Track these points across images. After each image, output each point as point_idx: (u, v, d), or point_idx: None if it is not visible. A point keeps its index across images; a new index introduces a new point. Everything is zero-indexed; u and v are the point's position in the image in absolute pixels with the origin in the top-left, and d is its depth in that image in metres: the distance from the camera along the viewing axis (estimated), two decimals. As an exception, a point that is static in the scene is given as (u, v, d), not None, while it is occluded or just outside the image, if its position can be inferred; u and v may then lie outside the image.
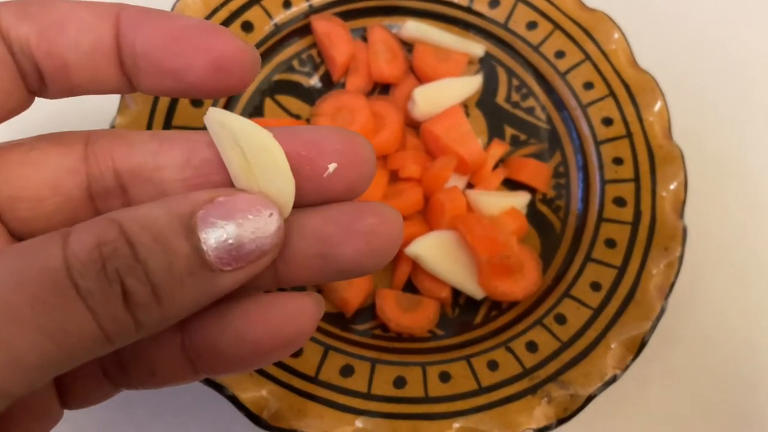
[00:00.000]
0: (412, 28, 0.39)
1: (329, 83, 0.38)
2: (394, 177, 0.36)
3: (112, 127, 0.33)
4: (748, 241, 0.39)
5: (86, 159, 0.18)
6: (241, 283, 0.17)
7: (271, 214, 0.17)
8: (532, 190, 0.37)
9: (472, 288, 0.33)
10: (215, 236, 0.16)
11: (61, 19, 0.17)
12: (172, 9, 0.35)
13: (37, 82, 0.18)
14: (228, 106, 0.36)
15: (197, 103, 0.35)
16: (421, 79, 0.39)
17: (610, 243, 0.34)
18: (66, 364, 0.15)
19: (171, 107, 0.34)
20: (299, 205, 0.18)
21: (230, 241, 0.16)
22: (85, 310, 0.14)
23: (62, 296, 0.14)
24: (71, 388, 0.19)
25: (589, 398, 0.29)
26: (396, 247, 0.19)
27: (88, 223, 0.15)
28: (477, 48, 0.39)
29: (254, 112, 0.37)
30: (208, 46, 0.17)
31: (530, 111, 0.39)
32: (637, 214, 0.34)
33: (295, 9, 0.38)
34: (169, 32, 0.17)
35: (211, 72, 0.18)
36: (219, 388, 0.28)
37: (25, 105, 0.19)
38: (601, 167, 0.36)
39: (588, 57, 0.38)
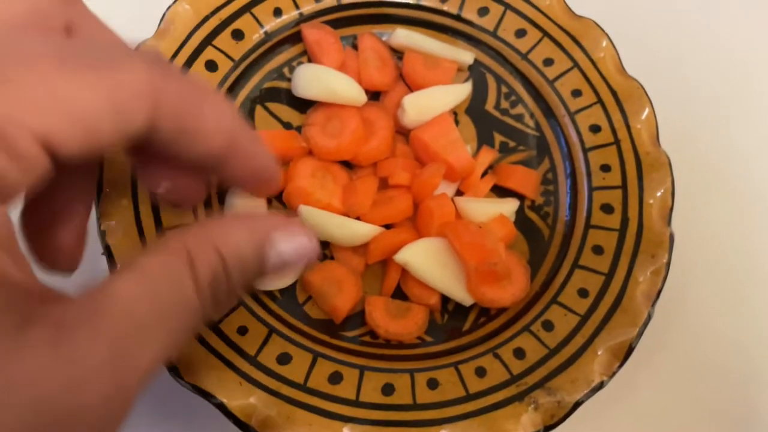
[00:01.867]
0: (402, 36, 0.39)
1: (319, 91, 0.38)
2: (384, 184, 0.36)
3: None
4: (735, 245, 0.40)
5: None
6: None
7: (309, 236, 0.24)
8: (520, 197, 0.37)
9: (461, 295, 0.33)
10: (273, 261, 0.22)
11: (195, 131, 0.21)
12: (162, 18, 0.35)
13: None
14: (218, 114, 0.36)
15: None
16: (411, 87, 0.39)
17: (598, 250, 0.34)
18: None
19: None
20: None
21: (281, 262, 0.23)
22: (200, 312, 0.20)
23: (193, 314, 0.20)
24: None
25: (576, 405, 0.29)
26: None
27: (204, 253, 0.20)
28: (466, 55, 0.39)
29: (245, 120, 0.37)
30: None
31: (519, 118, 0.39)
32: (625, 221, 0.34)
33: (286, 17, 0.38)
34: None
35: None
36: (207, 395, 0.28)
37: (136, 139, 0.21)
38: (588, 174, 0.36)
39: (576, 64, 0.38)
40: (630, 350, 0.30)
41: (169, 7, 0.36)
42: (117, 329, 0.17)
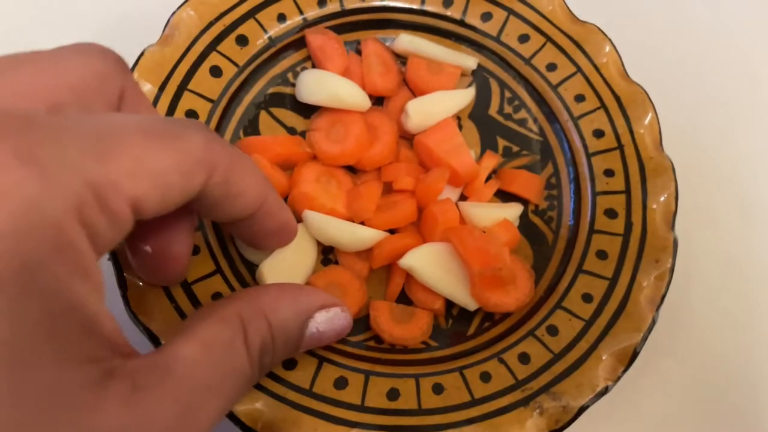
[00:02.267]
0: (406, 41, 0.39)
1: (323, 96, 0.39)
2: (388, 189, 0.36)
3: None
4: (739, 249, 0.40)
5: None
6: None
7: (347, 315, 0.27)
8: (524, 202, 0.37)
9: (465, 299, 0.33)
10: (312, 334, 0.25)
11: (240, 192, 0.23)
12: (167, 23, 0.36)
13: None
14: (222, 120, 0.36)
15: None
16: (415, 92, 0.39)
17: (602, 254, 0.34)
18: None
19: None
20: None
21: (320, 338, 0.26)
22: (251, 379, 0.22)
23: (246, 381, 0.22)
24: None
25: (581, 410, 0.29)
26: None
27: (256, 323, 0.22)
28: (469, 61, 0.39)
29: (249, 125, 0.37)
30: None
31: (522, 123, 0.39)
32: (628, 225, 0.34)
33: (290, 22, 0.38)
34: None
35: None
36: (213, 401, 0.28)
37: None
38: (592, 179, 0.36)
39: (579, 70, 0.38)
40: (634, 355, 0.30)
41: (174, 13, 0.36)
42: (184, 391, 0.18)
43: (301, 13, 0.39)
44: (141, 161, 0.18)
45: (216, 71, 0.36)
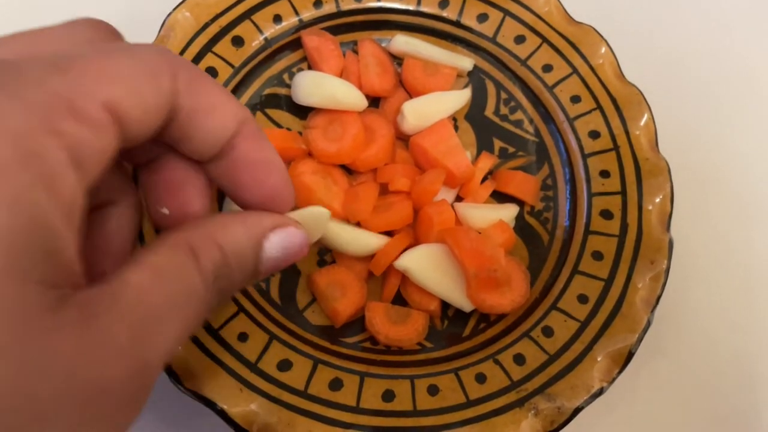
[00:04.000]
0: (402, 42, 0.39)
1: (319, 97, 0.39)
2: (384, 190, 0.36)
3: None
4: (734, 250, 0.40)
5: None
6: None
7: (302, 234, 0.25)
8: (520, 203, 0.37)
9: (461, 301, 0.33)
10: (268, 257, 0.23)
11: (210, 107, 0.22)
12: (163, 24, 0.35)
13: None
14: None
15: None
16: (411, 93, 0.39)
17: (597, 255, 0.34)
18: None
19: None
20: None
21: (277, 261, 0.24)
22: (206, 303, 0.21)
23: (201, 304, 0.21)
24: None
25: (576, 411, 0.29)
26: None
27: (207, 248, 0.21)
28: (466, 62, 0.39)
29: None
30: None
31: (518, 124, 0.39)
32: (624, 226, 0.34)
33: (286, 24, 0.38)
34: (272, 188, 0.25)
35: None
36: (208, 403, 0.28)
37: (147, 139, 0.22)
38: (588, 180, 0.36)
39: (575, 71, 0.38)
40: (629, 356, 0.30)
41: (170, 14, 0.36)
42: (135, 316, 0.18)
43: (297, 14, 0.39)
44: (104, 69, 0.19)
45: (211, 72, 0.36)
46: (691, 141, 0.42)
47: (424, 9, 0.40)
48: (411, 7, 0.40)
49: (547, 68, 0.39)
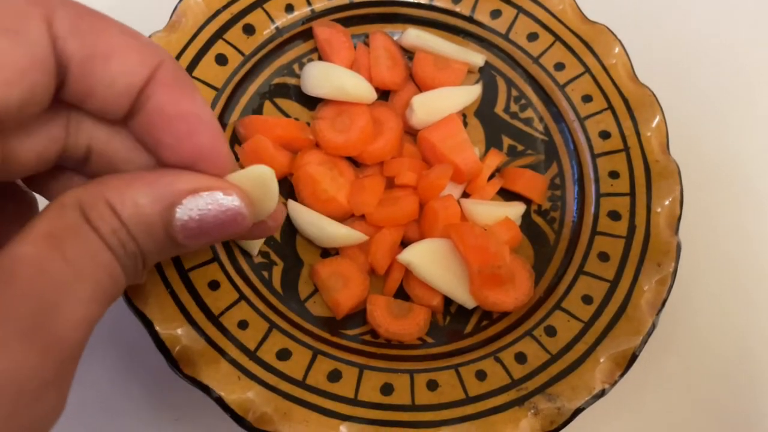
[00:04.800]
0: (413, 35, 0.39)
1: (329, 88, 0.38)
2: (390, 183, 0.36)
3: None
4: (744, 246, 0.39)
5: None
6: (204, 246, 0.22)
7: (232, 200, 0.20)
8: (527, 201, 0.37)
9: (464, 297, 0.33)
10: (182, 226, 0.20)
11: (109, 51, 0.19)
12: (174, 9, 0.35)
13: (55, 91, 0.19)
14: (226, 108, 0.36)
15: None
16: (421, 87, 0.39)
17: (604, 256, 0.34)
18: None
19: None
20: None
21: (196, 230, 0.20)
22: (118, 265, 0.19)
23: (111, 265, 0.19)
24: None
25: (577, 412, 0.29)
26: None
27: (98, 208, 0.19)
28: (477, 57, 0.39)
29: (253, 114, 0.37)
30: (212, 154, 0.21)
31: (528, 122, 0.39)
32: (632, 228, 0.34)
33: (297, 13, 0.38)
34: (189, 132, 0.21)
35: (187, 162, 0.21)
36: (205, 389, 0.28)
37: (44, 107, 0.19)
38: (596, 180, 0.36)
39: (588, 70, 0.38)
40: (633, 359, 0.30)
41: (181, 0, 0.36)
42: (32, 290, 0.17)
43: (309, 4, 0.38)
44: None
45: (221, 59, 0.36)
46: (701, 143, 0.42)
47: (436, 3, 0.40)
48: (424, 1, 0.40)
49: (559, 67, 0.38)
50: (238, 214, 0.20)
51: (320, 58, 0.39)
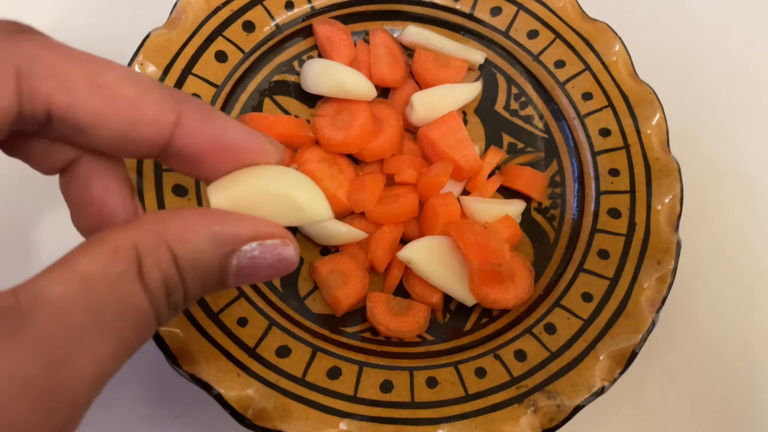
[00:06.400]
0: (413, 33, 0.39)
1: (329, 85, 0.38)
2: (390, 181, 0.36)
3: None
4: (744, 243, 0.39)
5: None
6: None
7: (288, 249, 0.20)
8: (527, 199, 0.37)
9: (464, 294, 0.33)
10: (238, 272, 0.19)
11: (110, 96, 0.18)
12: (174, 6, 0.35)
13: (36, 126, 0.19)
14: (226, 105, 0.36)
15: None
16: (421, 85, 0.39)
17: (603, 254, 0.34)
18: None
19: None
20: None
21: (250, 272, 0.20)
22: (154, 319, 0.18)
23: (145, 321, 0.18)
24: None
25: (576, 409, 0.29)
26: None
27: (156, 253, 0.18)
28: (477, 55, 0.39)
29: (253, 111, 0.37)
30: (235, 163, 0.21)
31: (528, 119, 0.39)
32: (632, 226, 0.34)
33: (297, 10, 0.38)
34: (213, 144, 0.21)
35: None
36: (205, 386, 0.28)
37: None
38: (597, 178, 0.36)
39: (588, 67, 0.38)
40: (633, 356, 0.30)
41: (181, -4, 0.36)
42: (50, 338, 0.15)
43: (309, 1, 0.38)
44: None
45: (221, 56, 0.36)
46: (701, 140, 0.42)
47: (437, 0, 0.40)
48: (424, -1, 0.40)
49: (560, 64, 0.38)
50: (290, 263, 0.20)
51: (320, 56, 0.39)
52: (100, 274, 0.17)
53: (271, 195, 0.21)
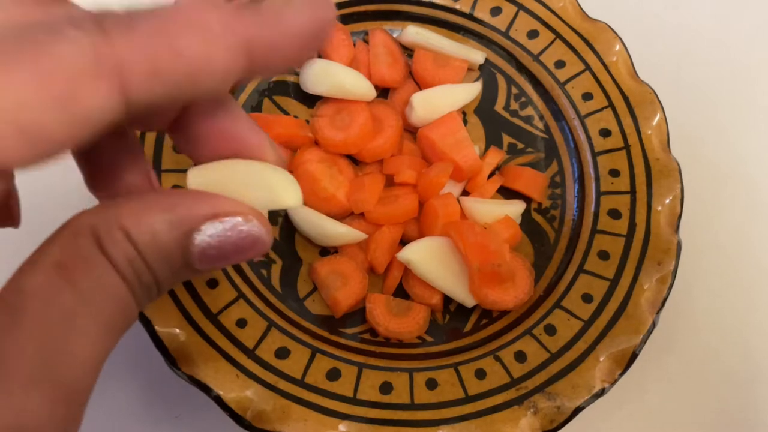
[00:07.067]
0: (413, 33, 0.39)
1: (328, 86, 0.38)
2: (390, 182, 0.36)
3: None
4: (745, 244, 0.39)
5: None
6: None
7: (251, 226, 0.19)
8: (527, 199, 0.37)
9: (463, 295, 0.33)
10: (201, 252, 0.19)
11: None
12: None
13: None
14: (225, 105, 0.36)
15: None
16: (421, 85, 0.39)
17: (604, 255, 0.34)
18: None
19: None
20: None
21: (215, 252, 0.19)
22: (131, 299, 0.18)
23: (123, 300, 0.18)
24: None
25: (576, 410, 0.29)
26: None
27: (112, 236, 0.18)
28: (477, 55, 0.39)
29: (252, 112, 0.37)
30: None
31: (528, 120, 0.39)
32: (632, 226, 0.34)
33: (297, 10, 0.38)
34: None
35: None
36: (204, 387, 0.28)
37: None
38: (597, 178, 0.36)
39: (588, 68, 0.38)
40: (633, 358, 0.30)
41: (180, -4, 0.35)
42: (40, 328, 0.16)
43: (309, 1, 0.38)
44: None
45: (220, 56, 0.36)
46: (701, 141, 0.42)
47: (436, 0, 0.40)
48: (424, -1, 0.40)
49: (560, 64, 0.38)
50: (257, 240, 0.20)
51: (319, 56, 0.39)
52: (70, 258, 0.17)
53: (244, 175, 0.21)
